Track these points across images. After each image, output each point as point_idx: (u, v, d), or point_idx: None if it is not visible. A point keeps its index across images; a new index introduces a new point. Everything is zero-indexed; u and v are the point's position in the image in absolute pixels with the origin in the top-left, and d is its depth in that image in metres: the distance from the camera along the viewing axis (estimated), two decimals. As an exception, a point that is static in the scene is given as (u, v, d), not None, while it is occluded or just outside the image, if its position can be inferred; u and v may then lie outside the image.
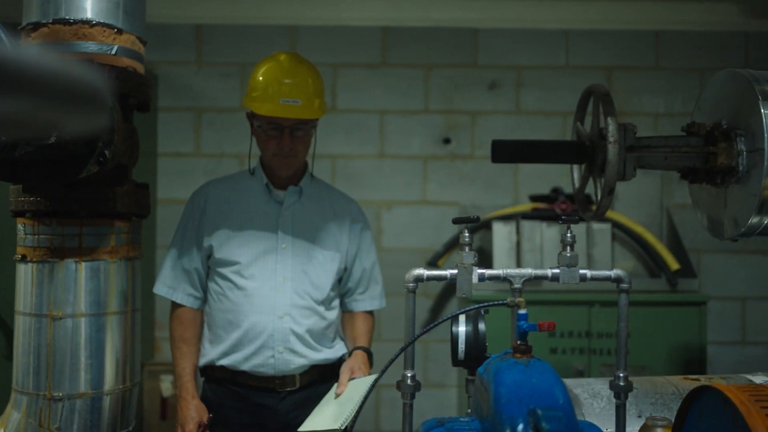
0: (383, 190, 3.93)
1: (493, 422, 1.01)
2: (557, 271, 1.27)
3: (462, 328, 1.41)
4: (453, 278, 1.28)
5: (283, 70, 2.15)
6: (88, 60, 1.64)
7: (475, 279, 1.25)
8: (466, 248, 1.27)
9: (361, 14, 3.95)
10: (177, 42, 3.94)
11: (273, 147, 2.16)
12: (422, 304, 3.88)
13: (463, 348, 1.41)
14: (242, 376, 2.17)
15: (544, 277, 1.27)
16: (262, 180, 2.24)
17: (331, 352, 2.24)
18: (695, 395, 1.18)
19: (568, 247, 1.28)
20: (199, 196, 2.26)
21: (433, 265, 3.74)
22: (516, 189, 3.98)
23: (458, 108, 4.00)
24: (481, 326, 1.41)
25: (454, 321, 1.41)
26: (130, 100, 1.71)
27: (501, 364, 1.07)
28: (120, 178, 1.75)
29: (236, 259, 2.16)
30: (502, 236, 3.57)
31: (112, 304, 1.75)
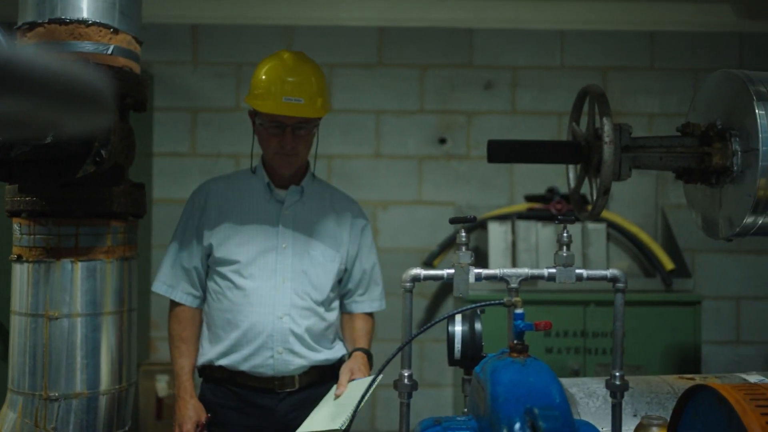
0: (379, 190, 3.94)
1: (490, 421, 1.01)
2: (554, 270, 1.27)
3: (458, 328, 1.41)
4: (450, 278, 1.28)
5: (287, 68, 2.14)
6: (84, 60, 1.64)
7: (471, 279, 1.25)
8: (463, 248, 1.27)
9: (358, 14, 3.95)
10: (173, 42, 3.94)
11: (274, 145, 2.14)
12: (418, 303, 3.88)
13: (460, 348, 1.41)
14: (241, 376, 2.16)
15: (541, 277, 1.27)
16: (264, 179, 2.22)
17: (331, 353, 2.22)
18: (690, 394, 1.18)
19: (565, 247, 1.28)
20: (199, 194, 2.24)
21: (428, 265, 3.75)
22: (511, 189, 3.99)
23: (454, 108, 4.00)
24: (478, 326, 1.41)
25: (450, 320, 1.41)
26: (127, 100, 1.71)
27: (498, 364, 1.08)
28: (116, 178, 1.75)
29: (236, 258, 2.14)
30: (498, 236, 3.57)
31: (108, 304, 1.74)
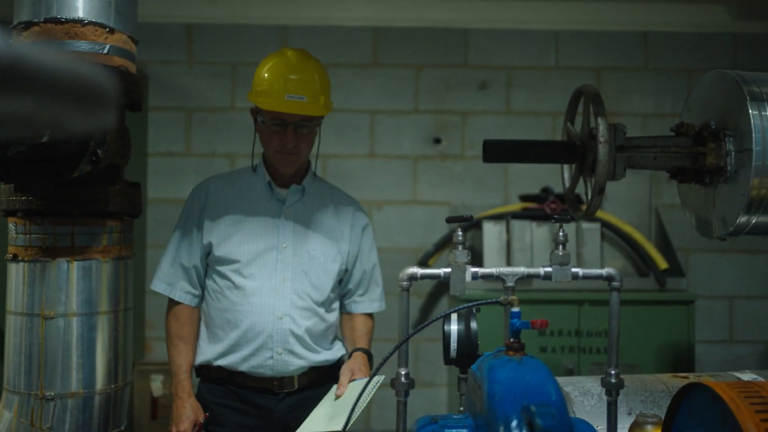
0: (374, 190, 3.94)
1: (487, 419, 1.02)
2: (550, 269, 1.28)
3: (454, 327, 1.42)
4: (446, 277, 1.29)
5: (290, 65, 2.12)
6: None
7: (468, 278, 1.26)
8: (460, 247, 1.28)
9: (352, 14, 3.96)
10: (168, 41, 3.93)
11: (276, 144, 2.12)
12: (413, 303, 3.89)
13: (455, 346, 1.42)
14: (240, 376, 2.13)
15: (537, 276, 1.28)
16: (265, 178, 2.20)
17: (330, 354, 2.20)
18: (685, 392, 1.19)
19: (561, 246, 1.29)
20: (199, 192, 2.21)
21: (423, 264, 3.75)
22: (506, 189, 4.00)
23: (449, 108, 4.01)
24: (473, 325, 1.42)
25: (446, 320, 1.42)
26: (123, 99, 1.71)
27: (494, 362, 1.08)
28: (112, 177, 1.75)
29: (236, 258, 2.12)
30: (493, 236, 3.58)
31: (103, 304, 1.74)
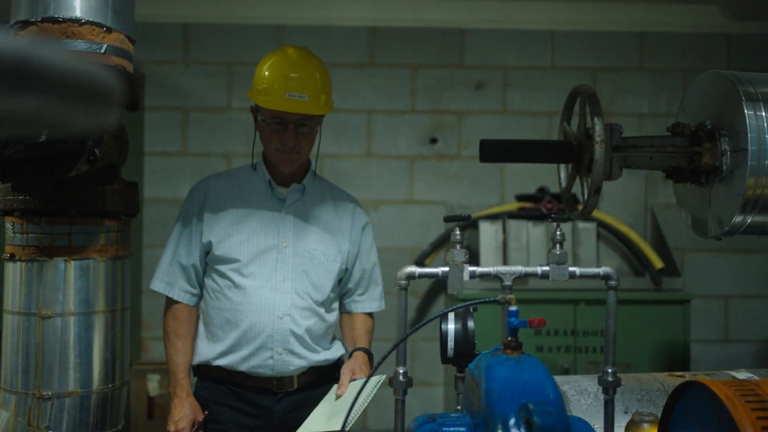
0: (370, 190, 3.94)
1: (485, 417, 1.02)
2: (547, 268, 1.29)
3: (451, 326, 1.42)
4: (444, 276, 1.29)
5: (291, 63, 2.09)
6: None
7: (466, 276, 1.26)
8: (458, 246, 1.28)
9: (349, 14, 3.96)
10: (164, 41, 3.93)
11: (276, 142, 2.10)
12: (409, 302, 3.88)
13: (452, 345, 1.42)
14: (239, 376, 2.12)
15: (534, 275, 1.29)
16: (265, 176, 2.18)
17: (330, 354, 2.19)
18: (682, 390, 1.20)
19: (558, 245, 1.29)
20: (198, 190, 2.19)
21: (420, 264, 3.76)
22: (502, 188, 4.01)
23: (445, 108, 4.02)
24: (470, 324, 1.42)
25: (443, 319, 1.42)
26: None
27: (492, 360, 1.09)
28: (110, 176, 1.75)
29: (236, 257, 2.10)
30: (489, 235, 3.59)
31: (101, 303, 1.74)
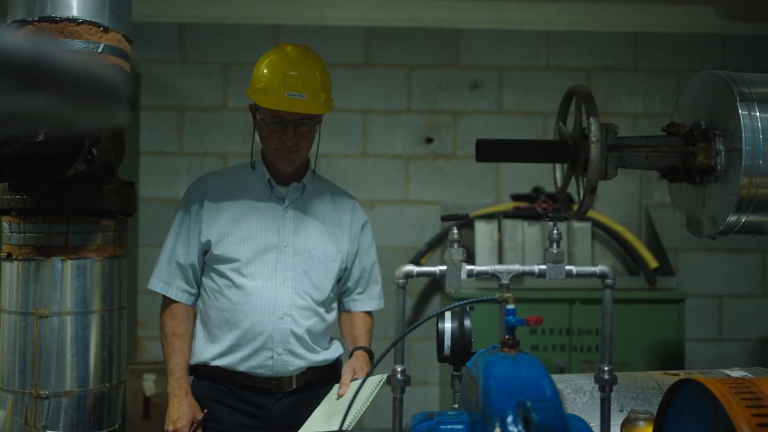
0: (366, 190, 3.94)
1: (482, 415, 1.03)
2: (544, 267, 1.30)
3: (448, 325, 1.43)
4: (442, 274, 1.30)
5: (290, 61, 2.06)
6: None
7: (463, 275, 1.27)
8: (455, 245, 1.29)
9: (345, 14, 3.97)
10: (160, 41, 3.92)
11: (275, 141, 2.07)
12: (405, 302, 3.89)
13: (449, 344, 1.43)
14: (238, 376, 2.11)
15: (531, 273, 1.29)
16: (264, 175, 2.15)
17: (328, 354, 2.18)
18: (677, 388, 1.21)
19: (555, 244, 1.30)
20: (196, 188, 2.16)
21: (415, 263, 3.76)
22: (497, 188, 4.02)
23: (440, 108, 4.02)
24: (467, 323, 1.43)
25: (440, 318, 1.43)
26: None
27: (490, 359, 1.10)
28: (107, 176, 1.75)
29: (236, 257, 2.08)
30: (485, 235, 3.60)
31: (98, 302, 1.75)
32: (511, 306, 1.13)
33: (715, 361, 3.91)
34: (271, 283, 2.09)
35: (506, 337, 1.12)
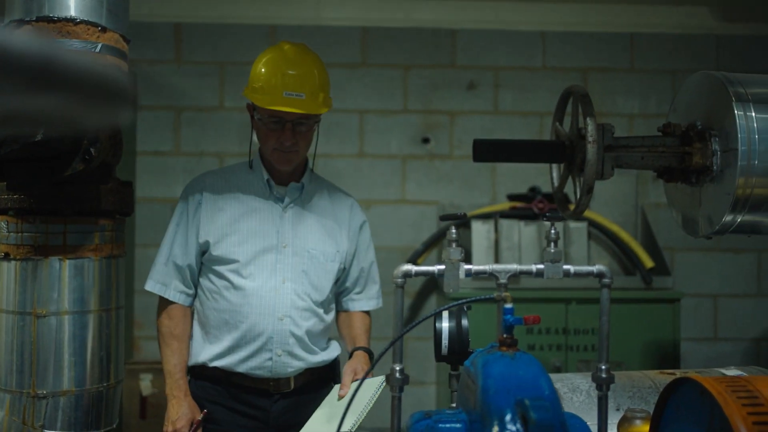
0: (362, 190, 3.94)
1: (481, 413, 1.03)
2: (542, 266, 1.30)
3: (445, 324, 1.44)
4: (441, 274, 1.31)
5: (287, 60, 2.03)
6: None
7: (462, 274, 1.27)
8: (453, 244, 1.29)
9: (341, 14, 3.97)
10: (156, 40, 3.92)
11: (273, 141, 2.05)
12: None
13: (447, 343, 1.43)
14: (236, 377, 2.09)
15: (529, 273, 1.30)
16: (263, 175, 2.13)
17: (326, 354, 2.17)
18: (674, 387, 1.21)
19: (552, 243, 1.31)
20: (194, 188, 2.13)
21: (412, 263, 3.76)
22: (494, 188, 4.03)
23: (437, 108, 4.03)
24: (464, 322, 1.44)
25: (437, 317, 1.44)
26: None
27: (488, 357, 1.10)
28: (104, 176, 1.75)
29: (235, 258, 2.06)
30: (481, 234, 3.61)
31: (95, 302, 1.75)
32: (509, 305, 1.14)
33: (711, 361, 3.93)
34: (271, 284, 2.07)
35: (504, 336, 1.12)
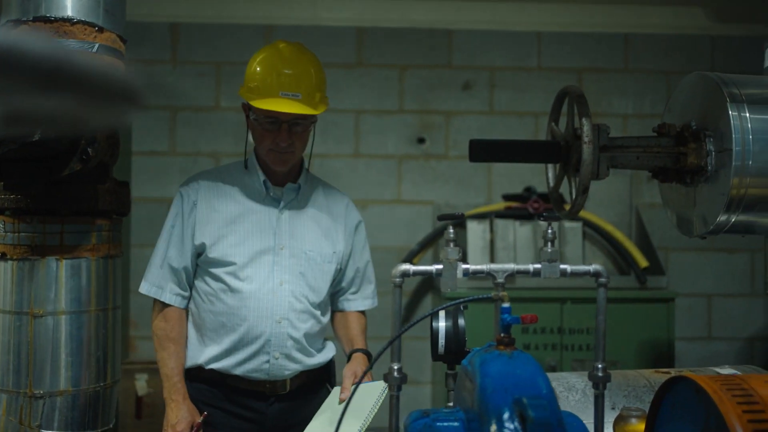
0: (358, 189, 3.95)
1: (479, 412, 1.04)
2: (539, 266, 1.31)
3: (442, 324, 1.44)
4: (438, 273, 1.31)
5: (283, 59, 2.00)
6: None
7: (459, 274, 1.28)
8: (451, 244, 1.30)
9: (337, 14, 3.98)
10: (152, 40, 3.92)
11: (269, 142, 2.01)
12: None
13: (443, 343, 1.44)
14: (232, 379, 2.06)
15: (527, 272, 1.30)
16: (259, 176, 2.09)
17: (322, 356, 2.15)
18: (669, 385, 1.22)
19: (549, 243, 1.31)
20: (189, 189, 2.09)
21: (408, 263, 3.77)
22: (489, 188, 4.04)
23: (432, 108, 4.04)
24: (461, 321, 1.44)
25: (434, 316, 1.44)
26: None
27: (486, 356, 1.11)
28: (101, 176, 1.76)
29: (232, 260, 2.02)
30: (477, 234, 3.62)
31: (92, 302, 1.75)
32: (506, 304, 1.15)
33: (705, 360, 3.95)
34: (268, 286, 2.04)
35: (502, 335, 1.13)
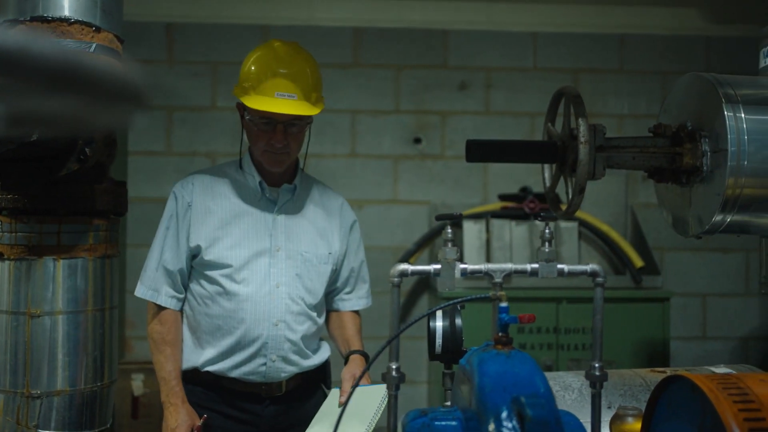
0: (354, 190, 3.95)
1: (477, 411, 1.05)
2: (536, 265, 1.32)
3: (439, 323, 1.45)
4: (436, 273, 1.32)
5: (279, 59, 1.96)
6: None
7: (457, 274, 1.29)
8: (449, 244, 1.30)
9: (333, 14, 3.98)
10: (148, 40, 3.92)
11: (264, 143, 1.99)
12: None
13: (441, 342, 1.45)
14: (227, 381, 2.04)
15: (524, 272, 1.31)
16: (254, 176, 2.07)
17: (318, 358, 2.13)
18: (665, 384, 1.23)
19: (546, 243, 1.32)
20: (183, 190, 2.05)
21: (405, 263, 3.78)
22: (485, 188, 4.05)
23: (428, 108, 4.04)
24: (458, 321, 1.45)
25: (431, 316, 1.45)
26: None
27: (483, 356, 1.11)
28: (99, 176, 1.76)
29: (228, 262, 2.00)
30: (473, 234, 3.62)
31: (89, 302, 1.75)
32: (504, 304, 1.15)
33: (699, 359, 3.97)
34: (265, 289, 2.02)
35: (499, 334, 1.14)
